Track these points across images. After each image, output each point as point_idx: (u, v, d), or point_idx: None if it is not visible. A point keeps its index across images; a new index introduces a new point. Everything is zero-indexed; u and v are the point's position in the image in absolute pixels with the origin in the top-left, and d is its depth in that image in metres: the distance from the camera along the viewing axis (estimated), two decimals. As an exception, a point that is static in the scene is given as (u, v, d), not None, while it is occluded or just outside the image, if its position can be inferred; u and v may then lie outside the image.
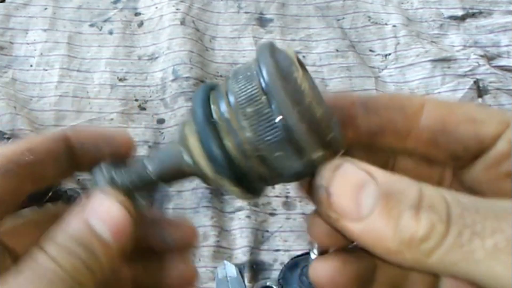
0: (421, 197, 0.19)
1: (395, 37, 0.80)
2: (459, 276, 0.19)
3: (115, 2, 0.84)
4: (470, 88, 0.74)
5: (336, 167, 0.21)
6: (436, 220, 0.19)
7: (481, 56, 0.78)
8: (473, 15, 0.83)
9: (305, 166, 0.21)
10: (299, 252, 0.59)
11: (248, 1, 0.85)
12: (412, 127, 0.24)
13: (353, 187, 0.20)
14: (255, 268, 0.58)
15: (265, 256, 0.59)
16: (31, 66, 0.76)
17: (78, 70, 0.76)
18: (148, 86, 0.75)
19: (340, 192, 0.20)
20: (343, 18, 0.83)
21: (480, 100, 0.73)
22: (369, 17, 0.83)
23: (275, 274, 0.58)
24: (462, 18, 0.83)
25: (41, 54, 0.76)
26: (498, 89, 0.74)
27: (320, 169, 0.21)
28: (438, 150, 0.24)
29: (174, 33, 0.79)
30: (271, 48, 0.22)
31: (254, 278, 0.58)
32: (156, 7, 0.83)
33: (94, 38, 0.80)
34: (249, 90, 0.21)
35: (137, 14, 0.83)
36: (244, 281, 0.57)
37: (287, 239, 0.61)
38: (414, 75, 0.76)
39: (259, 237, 0.61)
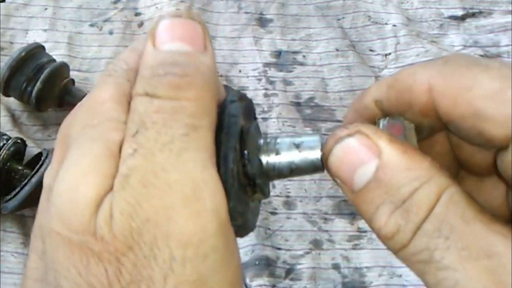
0: (409, 197, 0.19)
1: (395, 36, 0.80)
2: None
3: (115, 2, 0.84)
4: (470, 88, 0.74)
5: (338, 139, 0.21)
6: (403, 227, 0.19)
7: (481, 56, 0.78)
8: (473, 15, 0.83)
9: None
10: (300, 252, 0.59)
11: (248, 1, 0.85)
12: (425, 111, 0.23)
13: (350, 164, 0.20)
14: (258, 264, 0.58)
15: (269, 252, 0.59)
16: (31, 66, 0.75)
17: (78, 70, 0.76)
18: (148, 86, 0.75)
19: (336, 165, 0.21)
20: (343, 17, 0.83)
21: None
22: (369, 16, 0.83)
23: (279, 272, 0.58)
24: (462, 18, 0.83)
25: (41, 54, 0.76)
26: (498, 88, 0.74)
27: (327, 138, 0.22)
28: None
29: (174, 33, 0.79)
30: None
31: (258, 274, 0.57)
32: (156, 7, 0.83)
33: (94, 38, 0.80)
34: None
35: (137, 14, 0.83)
36: (244, 281, 0.57)
37: (288, 239, 0.61)
38: (414, 75, 0.76)
39: (262, 233, 0.61)
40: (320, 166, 0.23)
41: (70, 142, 0.20)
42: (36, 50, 0.66)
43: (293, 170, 0.23)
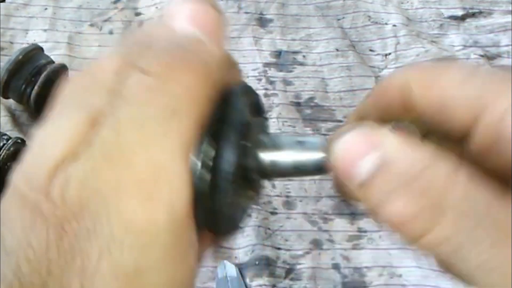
0: (419, 178, 0.18)
1: (395, 36, 0.80)
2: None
3: (115, 2, 0.84)
4: (470, 88, 0.74)
5: (338, 135, 0.20)
6: (419, 212, 0.18)
7: (481, 56, 0.78)
8: (473, 15, 0.83)
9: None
10: (300, 252, 0.59)
11: (248, 1, 0.85)
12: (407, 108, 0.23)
13: (351, 158, 0.20)
14: (258, 264, 0.58)
15: (269, 252, 0.59)
16: (31, 66, 0.75)
17: (78, 70, 0.76)
18: (148, 86, 0.75)
19: (340, 160, 0.20)
20: (343, 17, 0.83)
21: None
22: (369, 16, 0.83)
23: (279, 271, 0.58)
24: (462, 18, 0.83)
25: (41, 54, 0.76)
26: (498, 88, 0.74)
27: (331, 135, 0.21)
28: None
29: (174, 33, 0.79)
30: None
31: (258, 274, 0.57)
32: (157, 7, 0.83)
33: (94, 38, 0.80)
34: None
35: (137, 14, 0.83)
36: (244, 281, 0.57)
37: (288, 239, 0.61)
38: (414, 75, 0.76)
39: (262, 233, 0.61)
40: (324, 167, 0.22)
41: (59, 103, 0.19)
42: (35, 52, 0.66)
43: (297, 169, 0.22)
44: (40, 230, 0.17)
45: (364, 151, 0.19)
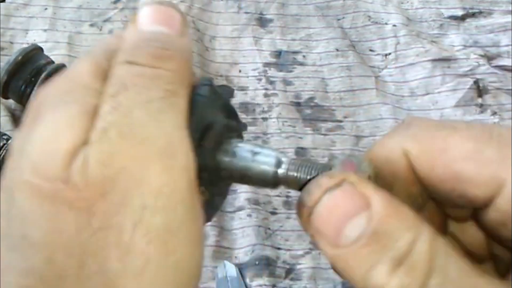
0: (409, 251, 0.18)
1: (395, 36, 0.80)
2: None
3: (115, 2, 0.84)
4: (470, 88, 0.74)
5: (328, 188, 0.20)
6: (408, 285, 0.18)
7: (481, 56, 0.78)
8: (473, 15, 0.83)
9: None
10: (300, 252, 0.59)
11: (248, 1, 0.85)
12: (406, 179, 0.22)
13: (340, 217, 0.19)
14: (258, 264, 0.58)
15: (269, 252, 0.59)
16: (31, 66, 0.75)
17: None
18: (148, 86, 0.75)
19: (324, 217, 0.20)
20: (343, 17, 0.83)
21: (480, 100, 0.73)
22: (369, 16, 0.83)
23: (279, 271, 0.58)
24: (462, 18, 0.83)
25: (41, 54, 0.76)
26: (498, 89, 0.74)
27: (309, 183, 0.21)
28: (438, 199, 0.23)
29: (174, 33, 0.79)
30: None
31: (258, 274, 0.57)
32: (156, 7, 0.83)
33: (94, 38, 0.80)
34: None
35: (137, 14, 0.83)
36: (244, 281, 0.57)
37: (288, 239, 0.61)
38: (414, 75, 0.76)
39: (262, 233, 0.61)
40: (270, 180, 0.23)
41: (44, 106, 0.20)
42: (34, 52, 0.66)
43: (244, 176, 0.23)
44: (67, 216, 0.18)
45: (351, 212, 0.19)
